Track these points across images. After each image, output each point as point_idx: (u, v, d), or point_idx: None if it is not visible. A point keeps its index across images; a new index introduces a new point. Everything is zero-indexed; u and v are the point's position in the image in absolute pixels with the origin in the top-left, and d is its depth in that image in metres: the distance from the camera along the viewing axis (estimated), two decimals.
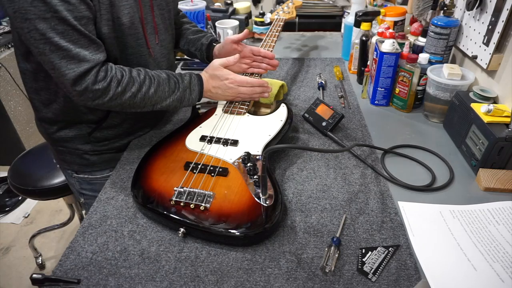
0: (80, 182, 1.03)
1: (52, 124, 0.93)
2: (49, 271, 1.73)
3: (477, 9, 0.98)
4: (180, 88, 0.86)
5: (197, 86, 0.89)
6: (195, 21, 1.41)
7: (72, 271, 0.63)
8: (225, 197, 0.70)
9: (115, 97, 0.79)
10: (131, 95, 0.80)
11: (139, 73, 0.82)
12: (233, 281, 0.61)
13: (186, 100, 0.88)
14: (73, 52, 0.72)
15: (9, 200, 2.14)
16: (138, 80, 0.81)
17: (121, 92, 0.79)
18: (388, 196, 0.77)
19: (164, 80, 0.85)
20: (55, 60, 0.72)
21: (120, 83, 0.79)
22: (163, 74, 0.86)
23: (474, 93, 0.90)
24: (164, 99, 0.85)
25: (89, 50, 0.75)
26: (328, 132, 0.95)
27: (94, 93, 0.77)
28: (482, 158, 0.80)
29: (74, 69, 0.73)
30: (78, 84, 0.75)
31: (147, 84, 0.82)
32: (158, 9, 0.92)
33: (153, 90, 0.83)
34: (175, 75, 0.87)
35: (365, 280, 0.61)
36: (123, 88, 0.79)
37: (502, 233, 0.67)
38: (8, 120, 2.18)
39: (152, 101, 0.84)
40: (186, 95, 0.87)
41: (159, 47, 0.94)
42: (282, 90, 1.06)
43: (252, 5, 2.39)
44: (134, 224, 0.72)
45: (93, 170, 1.00)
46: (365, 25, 1.20)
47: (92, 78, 0.75)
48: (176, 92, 0.86)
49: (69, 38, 0.72)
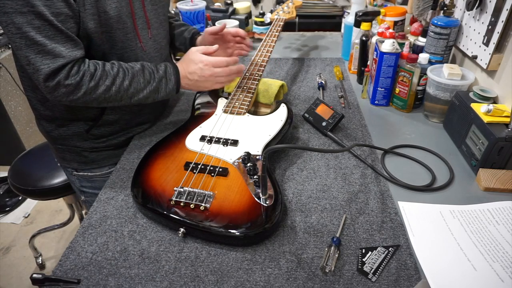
0: (80, 180, 1.04)
1: (50, 122, 0.93)
2: (49, 271, 1.73)
3: (477, 9, 0.98)
4: (155, 79, 0.85)
5: (173, 76, 0.88)
6: (195, 21, 1.41)
7: (72, 271, 0.63)
8: (225, 197, 0.70)
9: (89, 91, 0.79)
10: (106, 88, 0.80)
11: (113, 66, 0.82)
12: (233, 281, 0.61)
13: (163, 90, 0.87)
14: (48, 47, 0.72)
15: (9, 200, 2.14)
16: (112, 73, 0.81)
17: (95, 86, 0.79)
18: (388, 196, 0.77)
19: (139, 71, 0.84)
20: (30, 54, 0.72)
21: (94, 77, 0.79)
22: (137, 65, 0.85)
23: (474, 93, 0.90)
24: (140, 90, 0.84)
25: (65, 47, 0.74)
26: (328, 132, 0.95)
27: (67, 88, 0.76)
28: (482, 158, 0.80)
29: (49, 65, 0.73)
30: (51, 80, 0.75)
31: (120, 77, 0.81)
32: (151, 4, 0.91)
33: (128, 82, 0.82)
34: (150, 66, 0.87)
35: (365, 280, 0.61)
36: (96, 82, 0.79)
37: (502, 233, 0.67)
38: (8, 120, 2.18)
39: (128, 93, 0.83)
40: (162, 85, 0.87)
41: (152, 42, 0.93)
42: (282, 90, 1.06)
43: (252, 5, 2.39)
44: (134, 224, 0.72)
45: (92, 168, 1.00)
46: (365, 25, 1.20)
47: (64, 74, 0.75)
48: (152, 83, 0.85)
49: (45, 33, 0.71)
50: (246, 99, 0.96)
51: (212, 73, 0.89)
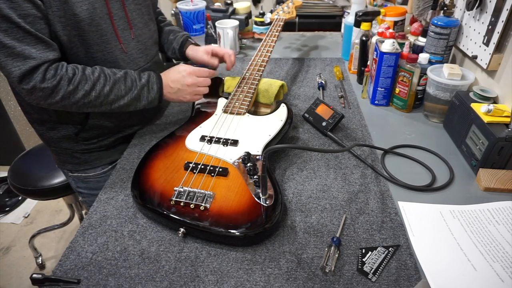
0: (75, 181, 1.04)
1: (41, 124, 0.93)
2: (49, 271, 1.73)
3: (477, 9, 0.98)
4: (137, 86, 0.85)
5: (156, 84, 0.88)
6: (195, 21, 1.41)
7: (72, 271, 0.63)
8: (225, 197, 0.70)
9: (67, 95, 0.78)
10: (85, 93, 0.79)
11: (94, 71, 0.81)
12: (233, 281, 0.61)
13: (145, 98, 0.87)
14: (17, 49, 0.71)
15: (9, 200, 2.14)
16: (92, 78, 0.80)
17: (73, 90, 0.78)
18: (388, 196, 0.77)
19: (120, 78, 0.83)
20: (1, 58, 0.71)
21: (72, 81, 0.77)
22: (120, 72, 0.85)
23: (474, 93, 0.90)
24: (121, 97, 0.84)
25: (35, 48, 0.73)
26: (328, 132, 0.95)
27: (44, 92, 0.75)
28: (482, 158, 0.80)
29: (20, 67, 0.72)
30: (25, 82, 0.74)
31: (101, 82, 0.81)
32: (134, 3, 0.90)
33: (108, 88, 0.81)
34: (133, 74, 0.86)
35: (365, 280, 0.61)
36: (75, 86, 0.78)
37: (502, 233, 0.67)
38: (8, 120, 2.18)
39: (109, 99, 0.82)
40: (144, 93, 0.86)
41: (135, 43, 0.92)
42: (282, 90, 1.06)
43: (252, 5, 2.39)
44: (134, 224, 0.72)
45: (85, 169, 1.00)
46: (365, 25, 1.20)
47: (40, 77, 0.74)
48: (133, 90, 0.84)
49: (13, 36, 0.70)
50: (246, 99, 0.96)
51: (193, 81, 0.90)
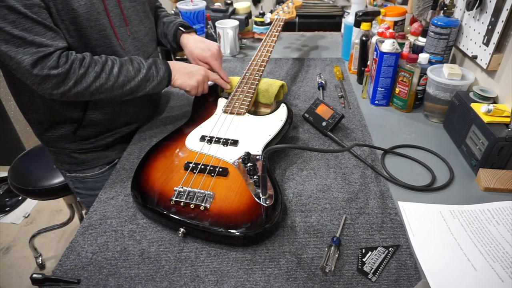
0: (73, 182, 1.04)
1: (38, 125, 0.93)
2: (49, 271, 1.73)
3: (477, 9, 0.98)
4: (145, 66, 0.86)
5: (163, 65, 0.89)
6: (195, 21, 1.41)
7: (72, 271, 0.63)
8: (225, 197, 0.70)
9: (79, 79, 0.77)
10: (95, 75, 0.79)
11: (101, 56, 0.82)
12: (233, 281, 0.61)
13: (154, 77, 0.87)
14: (28, 39, 0.71)
15: (9, 200, 2.14)
16: (100, 60, 0.81)
17: (84, 73, 0.78)
18: (388, 196, 0.77)
19: (126, 61, 0.84)
20: (11, 49, 0.70)
21: (82, 63, 0.78)
22: (125, 57, 0.86)
23: (474, 93, 0.90)
24: (131, 78, 0.84)
25: (46, 37, 0.73)
26: (328, 132, 0.95)
27: (58, 78, 0.75)
28: (482, 158, 0.80)
29: (32, 54, 0.71)
30: (39, 68, 0.73)
31: (109, 64, 0.81)
32: (129, 0, 0.91)
33: (117, 69, 0.82)
34: (138, 58, 0.87)
35: (365, 280, 0.61)
36: (86, 69, 0.78)
37: (502, 233, 0.67)
38: (8, 120, 2.18)
39: (119, 81, 0.82)
40: (153, 72, 0.87)
41: (131, 40, 0.92)
42: (282, 90, 1.06)
43: (252, 5, 2.39)
44: (134, 224, 0.72)
45: (83, 169, 1.00)
46: (365, 25, 1.20)
47: (53, 63, 0.74)
48: (141, 71, 0.85)
49: (22, 27, 0.70)
50: (246, 99, 0.96)
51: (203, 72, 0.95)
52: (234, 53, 1.48)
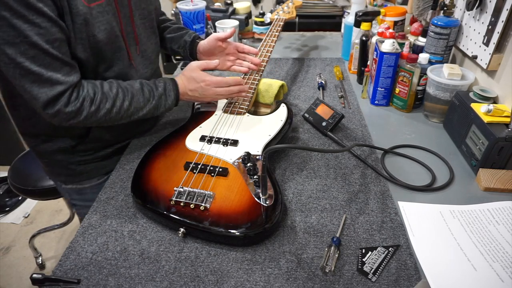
0: (69, 193, 1.01)
1: (35, 137, 0.91)
2: (49, 271, 1.73)
3: (477, 9, 0.98)
4: (155, 96, 0.84)
5: (173, 92, 0.87)
6: (195, 21, 1.41)
7: (72, 271, 0.63)
8: (225, 197, 0.70)
9: (90, 115, 0.77)
10: (106, 111, 0.79)
11: (111, 87, 0.80)
12: (233, 281, 0.61)
13: (163, 106, 0.86)
14: (45, 76, 0.70)
15: (9, 200, 2.14)
16: (111, 95, 0.79)
17: (95, 110, 0.77)
18: (388, 196, 0.77)
19: (138, 90, 0.83)
20: (26, 84, 0.70)
21: (94, 101, 0.77)
22: (136, 84, 0.84)
23: (474, 93, 0.90)
24: (140, 109, 0.83)
25: (61, 73, 0.72)
26: (328, 132, 0.95)
27: (68, 115, 0.75)
28: (482, 158, 0.80)
29: (47, 93, 0.71)
30: (50, 107, 0.73)
31: (120, 98, 0.80)
32: (140, 18, 0.90)
33: (128, 103, 0.81)
34: (149, 84, 0.85)
35: (365, 280, 0.61)
36: (97, 106, 0.77)
37: (502, 233, 0.67)
38: (8, 120, 2.18)
39: (128, 113, 0.82)
40: (162, 101, 0.86)
41: (140, 58, 0.91)
42: (282, 90, 1.06)
43: (252, 5, 2.39)
44: (134, 224, 0.72)
45: (81, 180, 0.97)
46: (365, 25, 1.20)
47: (64, 101, 0.73)
48: (151, 101, 0.84)
49: (40, 62, 0.69)
50: (246, 99, 0.96)
51: (213, 92, 0.89)
52: None
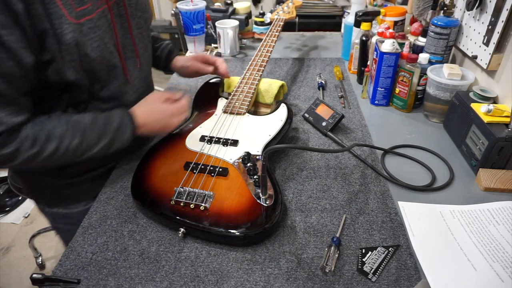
0: (53, 216, 0.93)
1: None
2: (49, 271, 1.73)
3: (477, 9, 0.98)
4: (109, 132, 0.75)
5: (129, 126, 0.77)
6: (195, 21, 1.41)
7: (72, 271, 0.63)
8: (225, 197, 0.70)
9: (30, 158, 0.68)
10: (51, 153, 0.69)
11: (58, 124, 0.70)
12: (233, 281, 0.61)
13: (118, 142, 0.77)
14: None
15: (9, 200, 2.14)
16: (57, 134, 0.69)
17: (37, 153, 0.68)
18: (388, 196, 0.77)
19: (89, 126, 0.73)
20: None
21: (35, 143, 0.67)
22: (86, 118, 0.74)
23: (474, 93, 0.90)
24: (92, 147, 0.74)
25: (5, 112, 0.64)
26: (328, 132, 0.95)
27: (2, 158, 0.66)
28: (482, 158, 0.80)
29: None
30: None
31: (68, 136, 0.70)
32: (137, 28, 0.83)
33: (77, 141, 0.71)
34: (102, 118, 0.75)
35: (365, 280, 0.61)
36: (39, 148, 0.68)
37: (502, 233, 0.67)
38: None
39: (78, 152, 0.72)
40: (117, 137, 0.76)
41: (137, 72, 0.85)
42: (282, 90, 1.06)
43: (252, 5, 2.39)
44: (134, 224, 0.72)
45: (68, 204, 0.89)
46: (365, 25, 1.20)
47: None
48: (104, 138, 0.75)
49: None
50: (246, 99, 0.96)
51: (177, 121, 0.83)
52: (234, 53, 1.48)
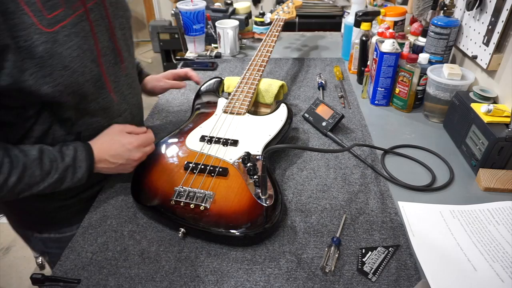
0: (43, 241, 0.87)
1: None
2: (49, 271, 1.73)
3: (477, 9, 0.98)
4: (58, 169, 0.66)
5: (85, 162, 0.69)
6: (195, 21, 1.41)
7: (72, 271, 0.63)
8: (225, 197, 0.70)
9: None
10: None
11: None
12: (233, 281, 0.61)
13: (69, 180, 0.68)
14: None
15: None
16: None
17: None
18: (388, 196, 0.77)
19: (34, 161, 0.64)
20: None
21: None
22: (33, 152, 0.65)
23: (474, 93, 0.90)
24: (35, 184, 0.65)
25: None
26: (328, 132, 0.95)
27: None
28: (482, 158, 0.80)
29: None
30: None
31: (5, 172, 0.61)
32: (120, 29, 0.77)
33: (15, 178, 0.62)
34: (52, 152, 0.67)
35: (365, 280, 0.61)
36: None
37: (502, 233, 0.67)
38: None
39: (16, 190, 0.64)
40: (68, 174, 0.68)
41: (124, 78, 0.79)
42: (282, 90, 1.06)
43: (252, 5, 2.39)
44: (134, 224, 0.72)
45: (60, 228, 0.84)
46: (365, 25, 1.20)
47: None
48: (52, 175, 0.66)
49: None
50: (246, 99, 0.96)
51: (143, 154, 0.76)
52: (234, 53, 1.48)
